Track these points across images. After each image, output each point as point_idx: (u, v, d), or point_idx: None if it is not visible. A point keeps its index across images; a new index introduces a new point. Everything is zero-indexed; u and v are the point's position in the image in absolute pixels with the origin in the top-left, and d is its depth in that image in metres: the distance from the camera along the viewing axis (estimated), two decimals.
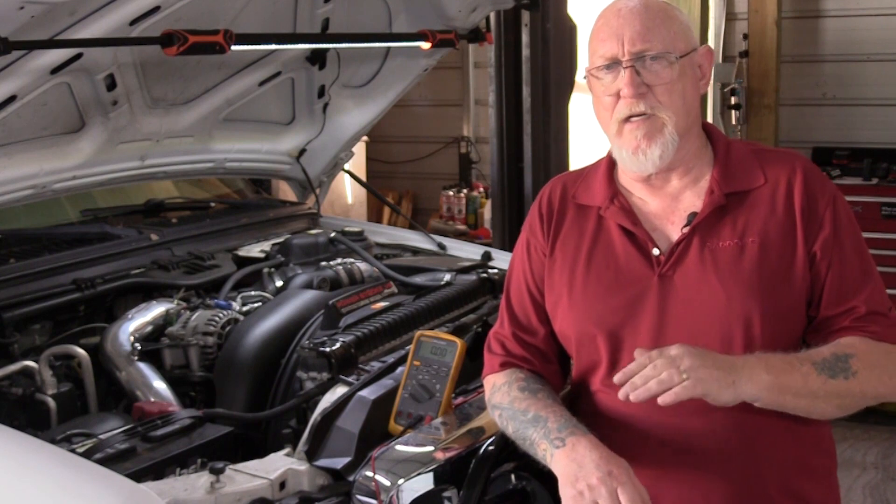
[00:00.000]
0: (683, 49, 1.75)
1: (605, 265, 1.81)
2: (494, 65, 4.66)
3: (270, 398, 2.40)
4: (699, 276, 1.73)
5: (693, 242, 1.76)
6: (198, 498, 1.75)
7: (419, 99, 7.15)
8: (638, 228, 1.80)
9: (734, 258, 1.73)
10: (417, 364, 2.02)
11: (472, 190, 6.97)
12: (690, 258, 1.75)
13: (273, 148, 3.59)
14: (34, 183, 2.72)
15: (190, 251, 3.04)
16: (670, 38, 1.74)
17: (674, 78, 1.73)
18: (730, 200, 1.77)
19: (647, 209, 1.83)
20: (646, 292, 1.76)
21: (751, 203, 1.77)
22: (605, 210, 1.84)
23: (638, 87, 1.72)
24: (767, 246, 1.73)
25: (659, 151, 1.74)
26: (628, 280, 1.78)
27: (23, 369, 2.33)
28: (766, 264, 1.72)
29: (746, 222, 1.75)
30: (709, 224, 1.76)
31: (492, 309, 2.63)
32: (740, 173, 1.80)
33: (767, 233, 1.74)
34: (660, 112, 1.73)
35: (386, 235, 3.60)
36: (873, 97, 5.49)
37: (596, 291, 1.81)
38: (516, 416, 1.77)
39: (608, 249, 1.83)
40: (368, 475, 1.77)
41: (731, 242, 1.74)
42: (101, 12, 2.37)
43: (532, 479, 1.84)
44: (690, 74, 1.78)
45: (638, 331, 1.75)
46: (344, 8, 3.17)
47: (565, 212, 1.91)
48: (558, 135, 4.64)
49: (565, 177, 1.99)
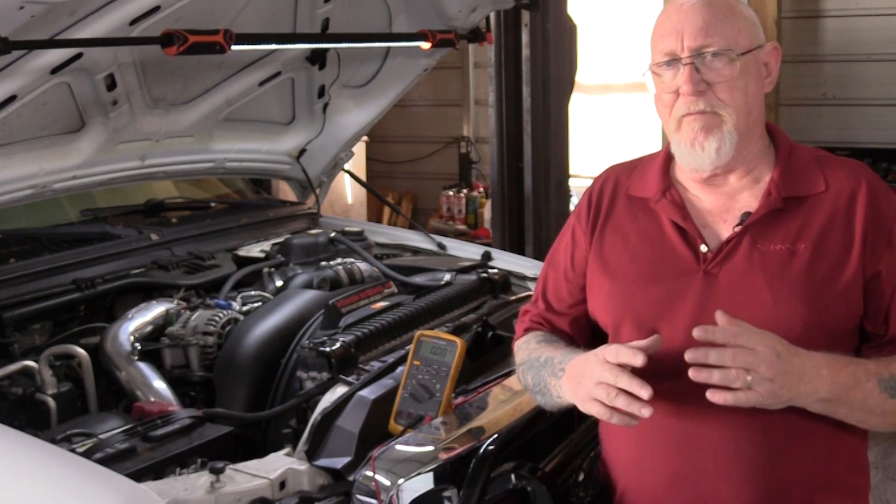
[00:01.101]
0: (747, 45, 1.69)
1: (650, 257, 1.78)
2: (494, 65, 4.67)
3: (270, 398, 2.40)
4: (745, 278, 1.68)
5: (743, 242, 1.70)
6: (198, 498, 1.75)
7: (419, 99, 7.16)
8: (688, 223, 1.76)
9: (783, 263, 1.67)
10: (417, 364, 2.02)
11: (472, 190, 6.98)
12: (738, 258, 1.70)
13: (273, 148, 3.59)
14: (34, 183, 2.72)
15: (190, 251, 3.04)
16: (733, 34, 1.68)
17: (735, 75, 1.67)
18: (787, 204, 1.71)
19: (700, 205, 1.79)
20: (688, 287, 1.72)
21: (808, 209, 1.71)
22: (657, 203, 1.80)
23: (697, 84, 1.67)
24: (820, 255, 1.67)
25: (715, 145, 1.69)
26: (672, 274, 1.74)
27: (23, 369, 2.32)
28: (816, 273, 1.66)
29: (801, 228, 1.69)
30: (762, 226, 1.71)
31: (492, 309, 2.63)
32: (801, 178, 1.74)
33: (822, 242, 1.68)
34: (720, 110, 1.68)
35: (386, 235, 3.60)
36: (873, 97, 5.49)
37: (637, 282, 1.77)
38: (532, 366, 1.81)
39: (656, 242, 1.79)
40: (368, 475, 1.77)
41: (783, 247, 1.68)
42: (101, 12, 2.37)
43: (532, 479, 1.84)
44: (754, 72, 1.71)
45: (675, 325, 1.71)
46: (344, 8, 3.17)
47: (616, 202, 1.87)
48: (558, 135, 4.64)
49: (619, 167, 1.95)
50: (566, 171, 4.81)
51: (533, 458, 1.94)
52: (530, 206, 4.63)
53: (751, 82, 1.71)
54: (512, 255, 3.52)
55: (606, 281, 1.83)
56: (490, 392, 2.13)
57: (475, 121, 7.29)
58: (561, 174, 4.72)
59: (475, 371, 2.25)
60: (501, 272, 3.06)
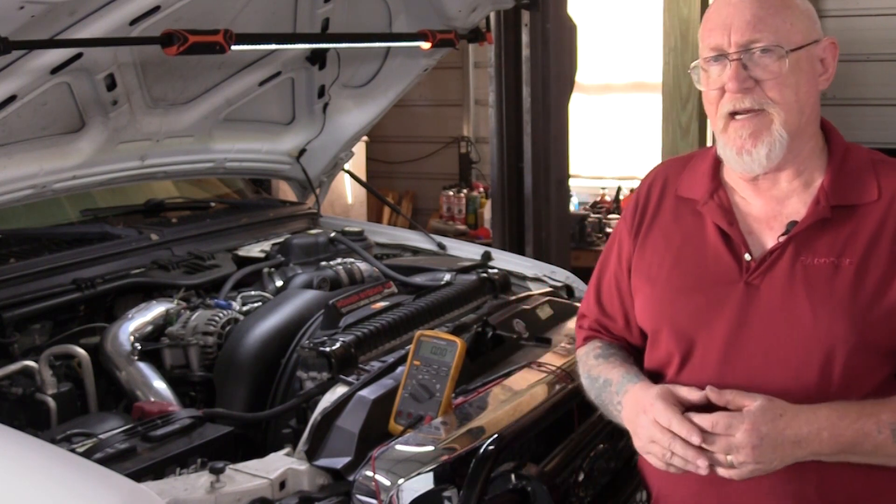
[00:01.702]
0: (800, 41, 1.62)
1: (693, 262, 1.73)
2: (494, 65, 4.66)
3: (270, 398, 2.39)
4: (787, 291, 1.62)
5: (786, 253, 1.64)
6: (198, 498, 1.75)
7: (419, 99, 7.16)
8: (733, 229, 1.70)
9: (827, 278, 1.60)
10: (417, 364, 2.02)
11: (472, 190, 6.98)
12: (781, 269, 1.63)
13: (273, 148, 3.59)
14: (34, 183, 2.72)
15: (190, 251, 3.04)
16: (784, 28, 1.60)
17: (784, 72, 1.60)
18: (835, 213, 1.63)
19: (748, 209, 1.72)
20: (728, 297, 1.67)
21: (858, 219, 1.62)
22: (704, 205, 1.74)
23: (743, 81, 1.60)
24: (865, 270, 1.59)
25: (766, 150, 1.62)
26: (713, 282, 1.69)
27: (23, 369, 2.32)
28: (861, 291, 1.58)
29: (847, 240, 1.61)
30: (807, 236, 1.63)
31: (492, 309, 2.63)
32: (853, 184, 1.65)
33: (868, 256, 1.59)
34: (768, 108, 1.61)
35: (386, 235, 3.60)
36: (873, 97, 5.49)
37: (677, 289, 1.73)
38: (593, 386, 1.83)
39: (699, 247, 1.73)
40: (368, 475, 1.77)
41: (826, 260, 1.61)
42: (101, 12, 2.37)
43: (532, 478, 1.84)
44: (807, 69, 1.63)
45: (712, 337, 1.67)
46: (344, 8, 3.17)
47: (663, 202, 1.82)
48: (558, 135, 4.64)
49: (670, 164, 1.90)
50: (566, 171, 4.81)
51: (533, 458, 1.95)
52: (530, 206, 4.62)
53: (803, 79, 1.63)
54: (512, 255, 3.52)
55: (647, 286, 1.79)
56: (490, 392, 2.13)
57: (475, 121, 7.29)
58: (561, 174, 4.72)
59: (475, 371, 2.25)
60: (501, 272, 3.06)
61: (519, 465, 1.86)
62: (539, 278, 3.18)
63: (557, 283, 3.16)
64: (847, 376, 1.58)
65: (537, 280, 3.17)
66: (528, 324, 2.54)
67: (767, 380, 1.61)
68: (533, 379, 2.21)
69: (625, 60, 6.67)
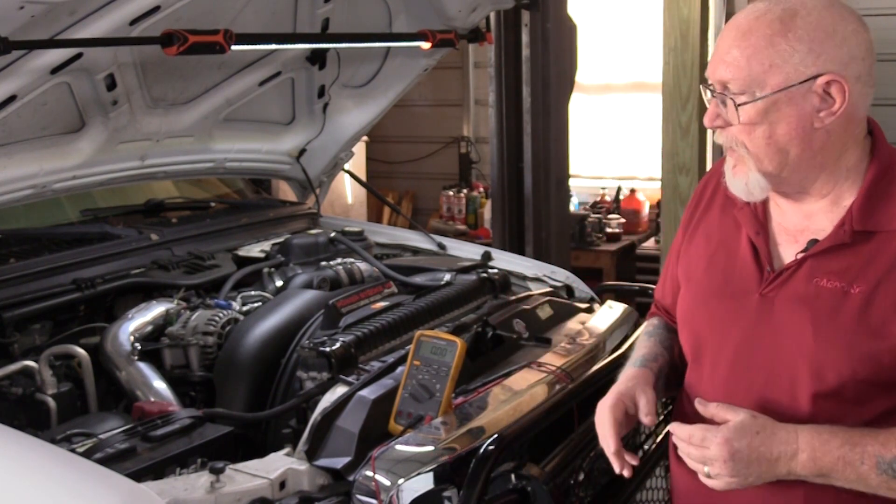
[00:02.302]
0: (780, 83, 1.52)
1: (722, 267, 1.73)
2: (494, 65, 4.66)
3: (270, 398, 2.39)
4: (795, 310, 1.60)
5: (802, 271, 1.61)
6: (198, 498, 1.75)
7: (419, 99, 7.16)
8: (759, 239, 1.68)
9: (834, 303, 1.56)
10: (417, 364, 2.02)
11: (472, 190, 6.98)
12: (794, 286, 1.61)
13: (273, 148, 3.59)
14: (34, 183, 2.72)
15: (190, 251, 3.04)
16: (760, 70, 1.52)
17: (753, 119, 1.54)
18: (857, 238, 1.57)
19: (780, 219, 1.69)
20: (743, 308, 1.67)
21: (878, 246, 1.56)
22: (739, 210, 1.72)
23: (713, 120, 1.59)
24: (874, 301, 1.54)
25: (742, 185, 1.61)
26: (734, 290, 1.69)
27: (23, 369, 2.32)
28: (865, 322, 1.54)
29: (862, 267, 1.56)
30: (823, 258, 1.59)
31: (492, 309, 2.63)
32: (884, 208, 1.58)
33: (879, 287, 1.54)
34: (739, 150, 1.59)
35: (386, 235, 3.60)
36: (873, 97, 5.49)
37: (703, 293, 1.75)
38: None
39: (733, 251, 1.72)
40: (368, 475, 1.77)
41: (836, 285, 1.57)
42: (101, 12, 2.37)
43: (532, 479, 1.84)
44: (790, 111, 1.53)
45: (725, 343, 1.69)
46: (344, 8, 3.17)
47: (715, 199, 1.81)
48: (558, 135, 4.64)
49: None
50: (566, 171, 4.81)
51: (533, 458, 1.94)
52: (530, 206, 4.62)
53: (782, 122, 1.54)
54: (512, 255, 3.52)
55: (684, 283, 1.83)
56: (490, 392, 2.13)
57: (475, 121, 7.28)
58: (561, 174, 4.72)
59: (475, 371, 2.25)
60: (501, 272, 3.06)
61: (519, 465, 1.86)
62: (539, 278, 3.17)
63: (557, 283, 3.16)
64: (839, 404, 1.57)
65: (537, 280, 3.17)
66: (528, 324, 2.54)
67: (767, 394, 1.62)
68: (533, 379, 2.21)
69: (625, 60, 6.67)
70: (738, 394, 1.64)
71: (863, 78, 1.59)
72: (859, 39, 1.58)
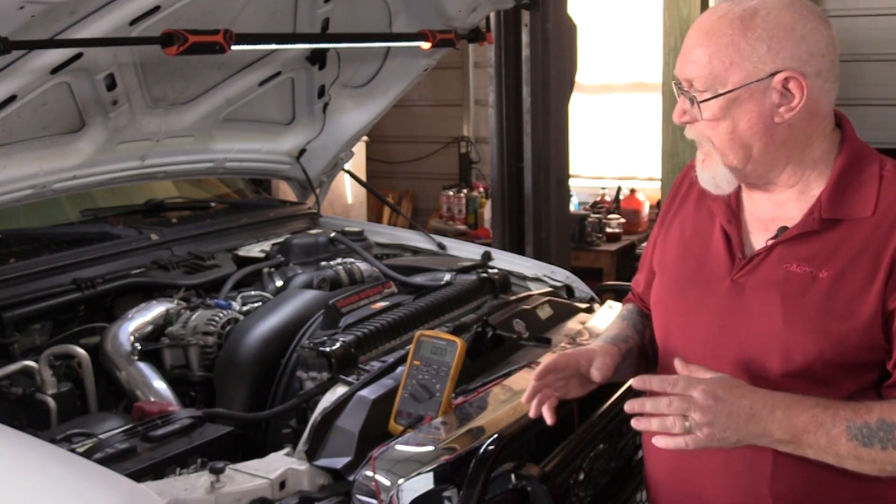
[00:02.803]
0: (740, 80, 1.58)
1: (695, 255, 1.79)
2: (494, 65, 4.66)
3: (270, 398, 2.39)
4: (765, 295, 1.65)
5: (771, 257, 1.67)
6: (198, 498, 1.75)
7: (419, 99, 7.16)
8: (731, 227, 1.74)
9: (802, 288, 1.62)
10: (417, 364, 2.02)
11: (472, 190, 6.98)
12: (763, 273, 1.67)
13: (273, 148, 3.59)
14: (34, 183, 2.72)
15: (190, 251, 3.04)
16: (721, 68, 1.58)
17: (716, 114, 1.60)
18: (826, 225, 1.63)
19: (752, 209, 1.76)
20: (715, 295, 1.72)
21: (845, 233, 1.62)
22: (713, 201, 1.78)
23: (681, 115, 1.66)
24: (840, 286, 1.59)
25: (710, 177, 1.68)
26: (707, 277, 1.74)
27: (23, 369, 2.32)
28: (832, 305, 1.59)
29: (830, 253, 1.62)
30: (793, 244, 1.65)
31: (492, 309, 2.63)
32: (851, 197, 1.64)
33: (845, 271, 1.60)
34: (705, 144, 1.66)
35: (386, 235, 3.60)
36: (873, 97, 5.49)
37: (676, 281, 1.81)
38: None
39: (705, 241, 1.79)
40: (368, 475, 1.77)
41: (805, 270, 1.62)
42: (101, 12, 2.37)
43: (532, 479, 1.84)
44: (751, 107, 1.59)
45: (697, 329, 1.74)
46: (344, 8, 3.17)
47: (692, 190, 1.87)
48: (558, 135, 4.64)
49: None
50: (566, 171, 4.81)
51: (533, 458, 1.94)
52: (530, 206, 4.63)
53: (743, 118, 1.60)
54: (512, 255, 3.52)
55: (657, 272, 1.89)
56: (490, 392, 2.13)
57: (475, 121, 7.29)
58: (561, 174, 4.72)
59: (475, 371, 2.25)
60: (501, 272, 3.06)
61: (519, 465, 1.86)
62: (539, 278, 3.18)
63: (557, 283, 3.16)
64: (807, 385, 1.60)
65: (537, 280, 3.17)
66: (528, 324, 2.54)
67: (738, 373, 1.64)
68: None
69: (625, 60, 6.67)
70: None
71: (823, 74, 1.62)
72: (819, 37, 1.63)
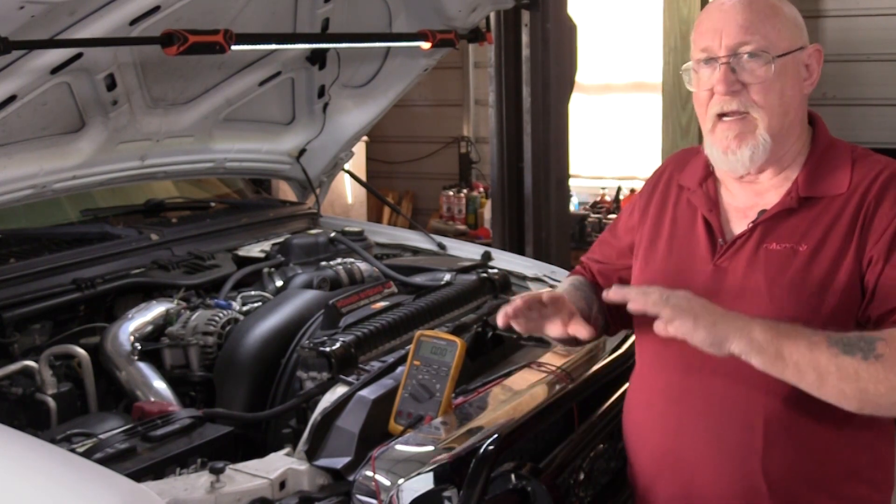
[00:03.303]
0: (787, 47, 1.70)
1: (680, 245, 1.85)
2: (494, 65, 4.67)
3: (270, 398, 2.39)
4: (748, 275, 1.72)
5: (752, 239, 1.74)
6: (198, 498, 1.75)
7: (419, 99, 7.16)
8: (712, 215, 1.81)
9: (783, 263, 1.69)
10: (417, 364, 2.02)
11: (472, 190, 6.98)
12: (745, 254, 1.74)
13: (273, 148, 3.59)
14: (34, 183, 2.72)
15: (190, 251, 3.04)
16: (773, 34, 1.69)
17: (770, 77, 1.68)
18: (803, 204, 1.73)
19: (731, 200, 1.83)
20: (699, 278, 1.77)
21: (822, 210, 1.71)
22: (692, 193, 1.87)
23: (731, 84, 1.69)
24: (818, 256, 1.68)
25: (749, 153, 1.71)
26: (690, 265, 1.81)
27: (23, 369, 2.32)
28: (812, 275, 1.67)
29: (807, 229, 1.70)
30: (773, 224, 1.74)
31: (492, 309, 2.63)
32: (827, 178, 1.74)
33: (824, 242, 1.68)
34: (753, 111, 1.70)
35: (386, 235, 3.60)
36: (873, 97, 5.49)
37: (661, 269, 1.86)
38: None
39: (687, 231, 1.85)
40: (368, 475, 1.77)
41: (786, 246, 1.70)
42: (101, 12, 2.37)
43: (532, 479, 1.84)
44: (792, 74, 1.72)
45: None
46: (344, 8, 3.17)
47: (670, 188, 1.95)
48: (558, 135, 4.64)
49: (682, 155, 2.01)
50: (566, 171, 4.81)
51: (533, 458, 1.95)
52: (530, 206, 4.63)
53: (788, 84, 1.71)
54: (512, 255, 3.51)
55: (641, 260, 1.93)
56: (490, 392, 2.13)
57: (475, 121, 7.29)
58: (561, 174, 4.72)
59: (475, 371, 2.25)
60: (501, 272, 3.06)
61: (519, 465, 1.86)
62: (539, 278, 3.17)
63: (557, 283, 3.16)
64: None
65: (537, 280, 3.17)
66: None
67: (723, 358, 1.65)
68: (533, 379, 2.21)
69: (625, 60, 6.67)
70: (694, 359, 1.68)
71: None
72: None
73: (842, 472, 1.70)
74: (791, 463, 1.68)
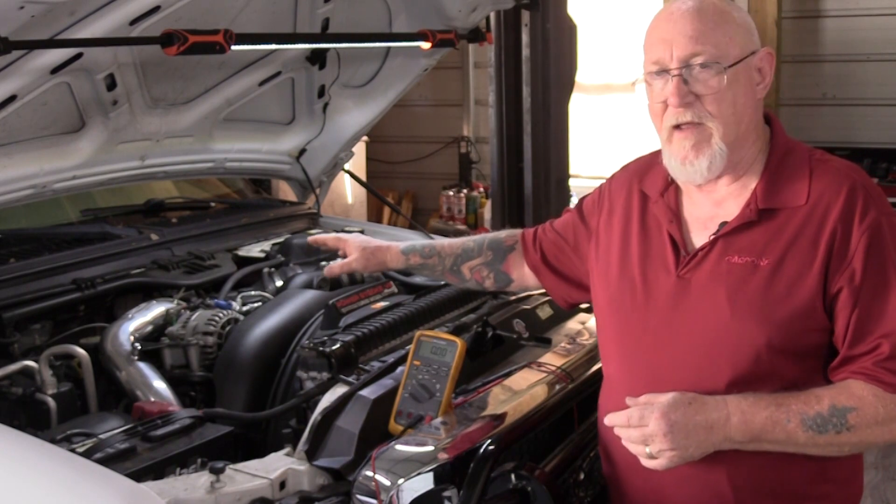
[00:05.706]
0: (738, 54, 1.68)
1: (642, 252, 1.85)
2: (494, 65, 4.67)
3: (270, 398, 2.40)
4: (710, 287, 1.72)
5: (713, 252, 1.74)
6: (198, 498, 1.75)
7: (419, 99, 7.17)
8: (673, 227, 1.81)
9: (744, 277, 1.69)
10: (417, 364, 2.02)
11: (472, 190, 6.98)
12: (707, 267, 1.73)
13: (273, 148, 3.59)
14: (34, 183, 2.72)
15: (190, 251, 3.04)
16: (724, 42, 1.67)
17: (723, 87, 1.67)
18: (763, 216, 1.72)
19: (692, 209, 1.83)
20: (663, 289, 1.78)
21: (782, 222, 1.70)
22: (654, 203, 1.86)
23: (684, 96, 1.68)
24: (780, 272, 1.67)
25: (707, 163, 1.71)
26: (653, 278, 1.81)
27: (23, 369, 2.32)
28: (773, 291, 1.67)
29: (768, 242, 1.70)
30: (733, 237, 1.73)
31: (492, 309, 2.63)
32: (785, 188, 1.72)
33: (785, 258, 1.68)
34: (707, 121, 1.69)
35: (386, 235, 3.60)
36: (873, 97, 5.49)
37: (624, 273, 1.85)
38: None
39: (650, 239, 1.85)
40: (368, 475, 1.77)
41: (745, 260, 1.70)
42: (101, 12, 2.37)
43: (532, 479, 1.84)
44: (745, 81, 1.70)
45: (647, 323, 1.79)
46: (344, 8, 3.17)
47: (632, 194, 1.93)
48: (558, 135, 4.64)
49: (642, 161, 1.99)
50: (566, 171, 4.81)
51: (533, 458, 1.95)
52: (530, 206, 4.63)
53: (740, 92, 1.70)
54: None
55: (602, 264, 1.92)
56: (490, 392, 2.13)
57: (475, 121, 7.29)
58: (561, 174, 4.73)
59: (475, 371, 2.25)
60: None
61: (519, 465, 1.86)
62: None
63: None
64: (755, 373, 1.67)
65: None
66: (528, 324, 2.54)
67: (688, 367, 1.72)
68: (533, 379, 2.21)
69: (625, 60, 6.67)
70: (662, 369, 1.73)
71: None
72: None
73: (807, 474, 1.72)
74: (757, 469, 1.70)
